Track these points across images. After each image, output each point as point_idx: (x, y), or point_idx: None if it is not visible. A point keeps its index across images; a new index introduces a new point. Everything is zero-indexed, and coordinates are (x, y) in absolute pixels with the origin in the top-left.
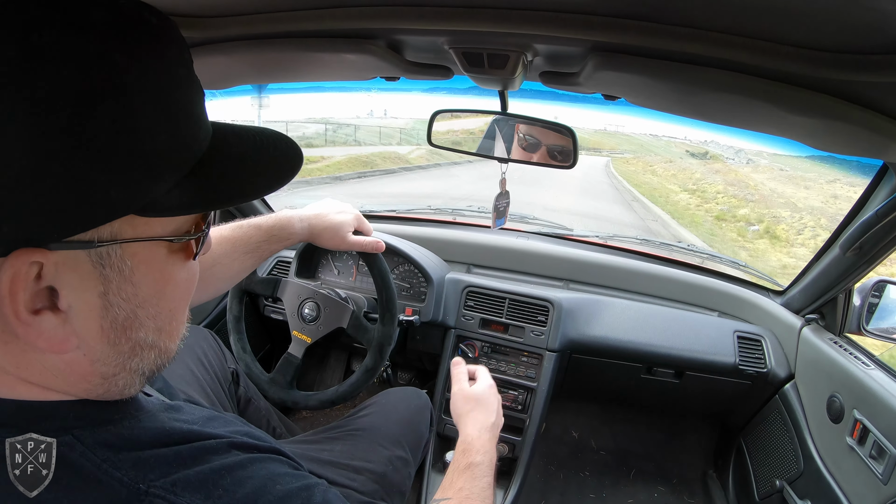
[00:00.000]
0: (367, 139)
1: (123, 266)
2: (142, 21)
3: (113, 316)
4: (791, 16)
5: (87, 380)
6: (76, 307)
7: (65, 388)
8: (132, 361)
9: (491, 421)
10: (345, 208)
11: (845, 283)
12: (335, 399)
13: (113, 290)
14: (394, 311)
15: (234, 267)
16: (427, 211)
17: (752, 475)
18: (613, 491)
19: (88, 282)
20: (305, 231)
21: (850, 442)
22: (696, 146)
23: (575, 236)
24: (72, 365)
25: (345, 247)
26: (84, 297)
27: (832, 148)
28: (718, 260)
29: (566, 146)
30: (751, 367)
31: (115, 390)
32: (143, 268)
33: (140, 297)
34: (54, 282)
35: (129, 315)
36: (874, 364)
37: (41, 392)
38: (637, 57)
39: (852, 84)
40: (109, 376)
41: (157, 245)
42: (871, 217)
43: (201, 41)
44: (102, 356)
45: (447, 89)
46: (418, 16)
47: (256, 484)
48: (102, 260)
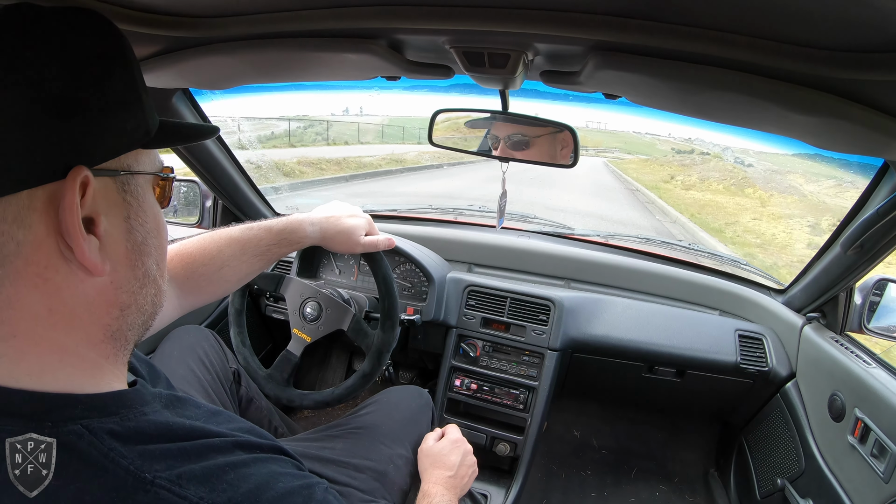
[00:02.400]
0: (341, 138)
1: (137, 194)
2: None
3: (134, 239)
4: (792, 14)
5: (109, 311)
6: (109, 231)
7: (83, 334)
8: (141, 293)
9: (446, 475)
10: (356, 212)
11: (846, 281)
12: (330, 401)
13: (133, 215)
14: (395, 318)
15: (243, 269)
16: (428, 210)
17: (754, 474)
18: (615, 490)
19: (116, 207)
20: (317, 235)
21: (852, 440)
22: (680, 143)
23: (576, 235)
24: (101, 293)
25: (358, 250)
26: (114, 222)
27: (833, 146)
28: (720, 258)
29: (567, 145)
30: (752, 365)
31: (122, 335)
32: (147, 198)
33: (149, 225)
34: (92, 209)
35: (143, 240)
36: (875, 362)
37: (53, 361)
38: (638, 56)
39: (853, 82)
40: (125, 307)
41: (148, 183)
42: (872, 215)
43: (202, 41)
44: (125, 282)
45: (429, 87)
46: (419, 15)
47: (259, 480)
48: (125, 187)
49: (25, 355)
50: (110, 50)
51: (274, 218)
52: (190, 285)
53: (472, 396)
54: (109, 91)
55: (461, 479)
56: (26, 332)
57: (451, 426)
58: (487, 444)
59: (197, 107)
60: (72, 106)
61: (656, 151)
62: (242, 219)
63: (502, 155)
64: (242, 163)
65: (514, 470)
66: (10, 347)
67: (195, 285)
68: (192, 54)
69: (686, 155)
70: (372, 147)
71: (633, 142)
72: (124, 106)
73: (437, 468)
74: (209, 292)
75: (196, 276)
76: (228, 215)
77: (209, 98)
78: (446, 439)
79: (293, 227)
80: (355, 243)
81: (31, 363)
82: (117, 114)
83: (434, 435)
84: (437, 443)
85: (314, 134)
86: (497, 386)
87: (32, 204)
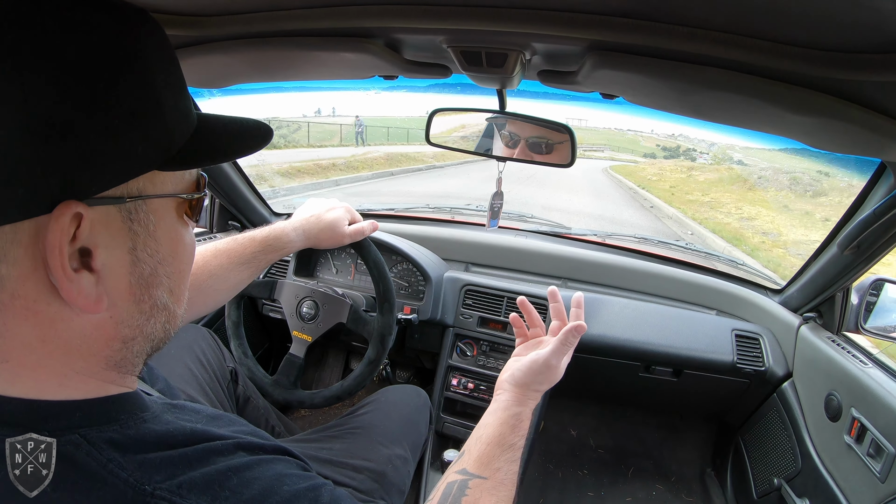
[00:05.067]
0: (306, 140)
1: (148, 221)
2: (148, 15)
3: (139, 272)
4: (789, 15)
5: (110, 345)
6: (108, 265)
7: (83, 363)
8: (149, 324)
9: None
10: (332, 204)
11: (843, 281)
12: (341, 394)
13: (140, 246)
14: (392, 300)
15: (232, 279)
16: (425, 209)
17: (750, 473)
18: (612, 489)
19: (119, 238)
20: (301, 239)
21: (848, 440)
22: (664, 140)
23: (573, 235)
24: (99, 328)
25: (346, 241)
26: (115, 254)
27: (830, 147)
28: (717, 258)
29: (564, 144)
30: (749, 365)
31: (128, 361)
32: (162, 224)
33: (160, 254)
34: (89, 241)
35: (152, 271)
36: (872, 362)
37: (53, 385)
38: (635, 56)
39: (851, 83)
40: (128, 340)
41: (168, 205)
42: (868, 215)
43: (200, 40)
44: (127, 317)
45: (408, 87)
46: (417, 15)
47: (263, 485)
48: (131, 215)
49: (20, 378)
50: (117, 52)
51: (260, 227)
52: None
53: (469, 396)
54: (113, 105)
55: None
56: (19, 358)
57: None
58: None
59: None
60: (61, 128)
61: (640, 148)
62: (240, 219)
63: (499, 154)
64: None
65: None
66: (3, 370)
67: None
68: (190, 53)
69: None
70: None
71: (615, 139)
72: (133, 121)
73: (545, 384)
74: (200, 303)
75: None
76: (226, 215)
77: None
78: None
79: (276, 234)
80: (341, 235)
81: (28, 385)
82: (123, 134)
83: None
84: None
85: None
86: (494, 385)
87: (17, 238)
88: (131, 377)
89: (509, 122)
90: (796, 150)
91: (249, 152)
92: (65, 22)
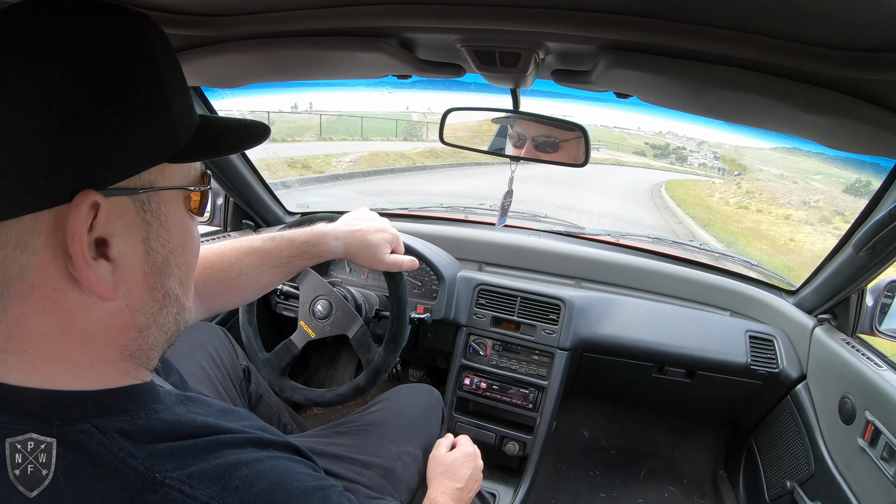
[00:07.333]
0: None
1: (160, 212)
2: (151, 19)
3: (153, 261)
4: (804, 13)
5: (126, 333)
6: (124, 254)
7: (99, 352)
8: (161, 313)
9: (455, 487)
10: (383, 226)
11: (858, 283)
12: (319, 401)
13: (153, 235)
14: (399, 342)
15: (262, 279)
16: (439, 209)
17: (763, 476)
18: (624, 490)
19: (133, 228)
20: (341, 249)
21: (862, 443)
22: (652, 137)
23: (587, 235)
24: (116, 316)
25: (381, 268)
26: (130, 244)
27: (846, 147)
28: (731, 259)
29: (573, 143)
30: (762, 367)
31: (143, 353)
32: (172, 216)
33: (172, 244)
34: (105, 231)
35: (164, 261)
36: (886, 365)
37: (67, 375)
38: (650, 55)
39: (866, 82)
40: (143, 328)
41: (177, 197)
42: (884, 216)
43: (214, 39)
44: (141, 304)
45: (396, 84)
46: (430, 14)
47: (273, 480)
48: (144, 206)
49: (36, 368)
50: (130, 52)
51: (297, 228)
52: (206, 292)
53: (481, 395)
54: (126, 100)
55: (468, 493)
56: (37, 348)
57: (463, 437)
58: (496, 444)
59: (209, 105)
60: (80, 123)
61: (628, 146)
62: (253, 217)
63: (513, 154)
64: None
65: (522, 469)
66: (20, 360)
67: (211, 292)
68: (204, 53)
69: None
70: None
71: (602, 136)
72: (145, 116)
73: (448, 478)
74: (226, 299)
75: (213, 282)
76: (239, 213)
77: (220, 96)
78: (460, 450)
79: (317, 239)
80: (379, 261)
81: (43, 375)
82: (136, 127)
83: (446, 443)
84: (451, 453)
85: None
86: (507, 385)
87: (37, 228)
88: (145, 370)
89: (517, 122)
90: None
91: (250, 145)
92: (79, 24)
